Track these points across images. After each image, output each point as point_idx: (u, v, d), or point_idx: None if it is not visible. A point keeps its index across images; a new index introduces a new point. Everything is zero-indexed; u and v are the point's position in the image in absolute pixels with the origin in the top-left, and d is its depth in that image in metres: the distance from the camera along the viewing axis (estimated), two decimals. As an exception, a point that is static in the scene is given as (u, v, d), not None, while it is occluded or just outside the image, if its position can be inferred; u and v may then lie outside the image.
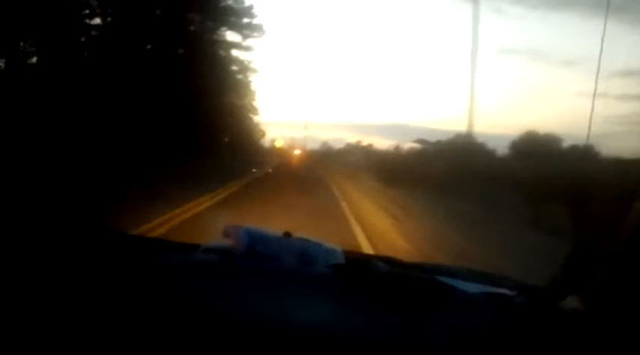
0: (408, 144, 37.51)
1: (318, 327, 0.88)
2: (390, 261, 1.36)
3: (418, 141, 35.52)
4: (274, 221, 6.65)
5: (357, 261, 1.24)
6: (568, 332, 0.92)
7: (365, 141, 58.08)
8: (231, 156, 30.45)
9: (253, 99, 40.28)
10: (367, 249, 6.44)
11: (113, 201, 7.87)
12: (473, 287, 1.13)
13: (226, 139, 34.48)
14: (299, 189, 15.65)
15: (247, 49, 33.47)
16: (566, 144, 24.49)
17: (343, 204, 12.37)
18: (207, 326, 0.86)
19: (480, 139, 27.77)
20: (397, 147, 40.97)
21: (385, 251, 5.41)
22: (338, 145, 64.28)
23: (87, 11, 19.15)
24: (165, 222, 7.77)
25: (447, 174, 19.58)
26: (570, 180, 12.29)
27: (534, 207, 11.85)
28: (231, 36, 31.08)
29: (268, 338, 0.84)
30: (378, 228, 8.74)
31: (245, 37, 31.43)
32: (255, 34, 31.42)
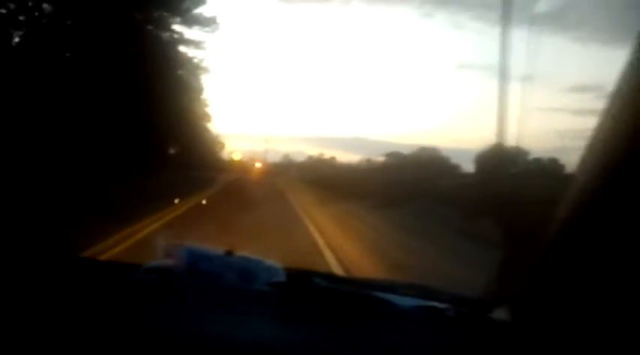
0: (379, 158, 37.42)
1: (258, 344, 0.89)
2: (329, 277, 1.39)
3: (389, 154, 35.64)
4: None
5: (297, 278, 1.26)
6: (495, 343, 0.97)
7: (326, 154, 57.43)
8: (177, 171, 25.65)
9: (205, 105, 34.86)
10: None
11: None
12: (408, 301, 1.18)
13: (172, 151, 29.37)
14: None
15: (198, 45, 27.21)
16: (530, 157, 25.05)
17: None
18: (149, 346, 0.85)
19: (443, 153, 28.33)
20: (368, 161, 40.52)
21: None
22: (299, 158, 63.46)
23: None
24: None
25: (393, 187, 20.13)
26: (508, 193, 12.86)
27: (465, 219, 12.31)
28: (178, 28, 25.39)
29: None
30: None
31: (193, 27, 25.43)
32: (207, 29, 25.93)
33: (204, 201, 16.64)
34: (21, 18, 17.26)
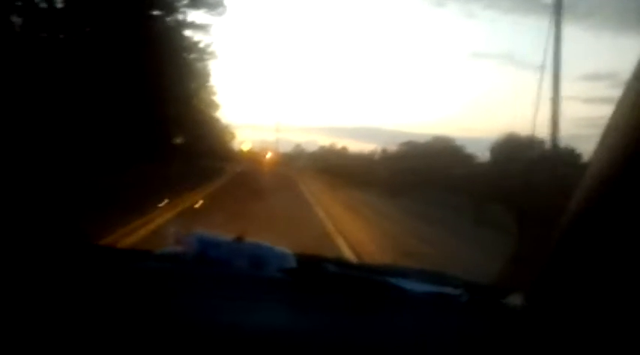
0: (393, 147, 36.97)
1: (269, 331, 0.89)
2: (341, 263, 1.39)
3: (404, 144, 35.24)
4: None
5: (308, 264, 1.26)
6: (509, 329, 0.96)
7: (338, 144, 56.89)
8: (184, 161, 24.42)
9: (213, 93, 32.98)
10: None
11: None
12: (420, 287, 1.17)
13: (178, 141, 27.61)
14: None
15: (204, 29, 25.03)
16: (546, 146, 24.47)
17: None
18: (160, 333, 0.85)
19: (457, 143, 28.06)
20: (384, 150, 40.01)
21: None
22: (311, 148, 62.81)
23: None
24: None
25: (405, 176, 20.16)
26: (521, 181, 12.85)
27: (476, 207, 12.31)
28: (184, 11, 23.15)
29: (221, 343, 0.84)
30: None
31: (199, 10, 23.47)
32: (214, 12, 24.07)
33: (198, 204, 12.79)
34: (18, 3, 16.30)
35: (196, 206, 12.49)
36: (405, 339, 0.91)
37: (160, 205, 11.01)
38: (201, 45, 26.40)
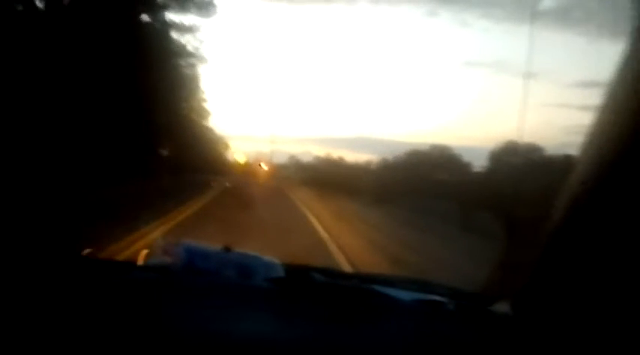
0: (390, 157, 36.24)
1: (257, 340, 0.89)
2: (328, 272, 1.39)
3: (410, 153, 34.37)
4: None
5: (295, 273, 1.26)
6: (496, 337, 0.97)
7: (333, 155, 55.99)
8: (171, 175, 22.41)
9: (203, 100, 30.40)
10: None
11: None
12: (407, 295, 1.17)
13: (164, 152, 24.41)
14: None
15: (192, 30, 23.19)
16: (546, 153, 24.27)
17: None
18: (148, 344, 0.85)
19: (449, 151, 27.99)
20: (385, 160, 39.12)
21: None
22: (306, 159, 61.70)
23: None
24: None
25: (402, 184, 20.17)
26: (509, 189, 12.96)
27: (464, 214, 12.40)
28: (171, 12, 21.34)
29: (209, 352, 0.84)
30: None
31: (188, 12, 21.61)
32: (204, 12, 22.01)
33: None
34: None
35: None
36: (392, 347, 0.91)
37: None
38: (189, 48, 24.47)
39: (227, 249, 1.31)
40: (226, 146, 46.09)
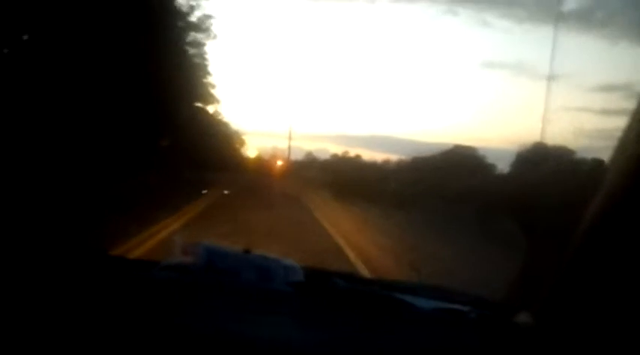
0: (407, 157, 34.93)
1: (276, 344, 0.88)
2: (349, 277, 1.38)
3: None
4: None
5: (316, 278, 1.25)
6: (517, 348, 0.95)
7: (350, 153, 55.09)
8: (168, 171, 18.92)
9: (211, 86, 25.11)
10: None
11: None
12: (428, 304, 1.16)
13: (165, 143, 20.17)
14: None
15: (201, 26, 20.31)
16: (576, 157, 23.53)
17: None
18: (167, 342, 0.85)
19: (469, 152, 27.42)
20: (404, 160, 37.76)
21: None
22: (323, 156, 60.49)
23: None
24: None
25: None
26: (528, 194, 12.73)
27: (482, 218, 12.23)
28: None
29: (227, 354, 0.84)
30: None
31: None
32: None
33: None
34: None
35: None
36: (413, 354, 0.90)
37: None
38: (195, 21, 20.44)
39: (247, 251, 1.31)
40: (242, 142, 43.15)
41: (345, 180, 27.07)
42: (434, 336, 1.00)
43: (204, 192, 18.25)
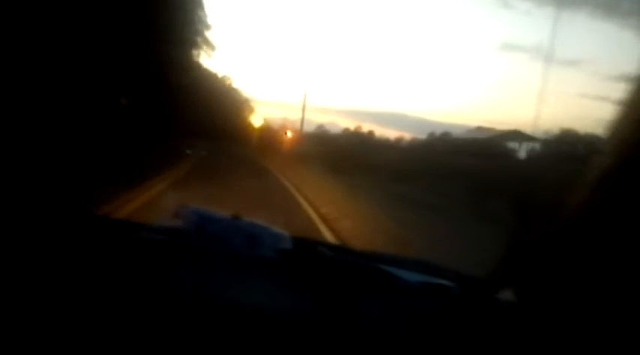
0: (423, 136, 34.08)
1: (261, 309, 0.89)
2: (336, 248, 1.39)
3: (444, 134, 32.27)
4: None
5: (303, 246, 1.26)
6: (500, 324, 0.96)
7: (364, 128, 53.54)
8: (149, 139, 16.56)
9: (206, 27, 21.47)
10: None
11: None
12: (414, 277, 1.17)
13: (124, 102, 16.01)
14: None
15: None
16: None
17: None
18: (155, 303, 0.86)
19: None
20: (417, 139, 36.72)
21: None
22: (334, 130, 58.20)
23: None
24: None
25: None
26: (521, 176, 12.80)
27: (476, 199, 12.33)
28: None
29: (212, 318, 0.85)
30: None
31: None
32: None
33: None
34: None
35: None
36: (394, 326, 0.91)
37: None
38: None
39: (236, 217, 1.32)
40: (252, 109, 42.13)
41: (344, 154, 26.53)
42: (416, 309, 1.01)
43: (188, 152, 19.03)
